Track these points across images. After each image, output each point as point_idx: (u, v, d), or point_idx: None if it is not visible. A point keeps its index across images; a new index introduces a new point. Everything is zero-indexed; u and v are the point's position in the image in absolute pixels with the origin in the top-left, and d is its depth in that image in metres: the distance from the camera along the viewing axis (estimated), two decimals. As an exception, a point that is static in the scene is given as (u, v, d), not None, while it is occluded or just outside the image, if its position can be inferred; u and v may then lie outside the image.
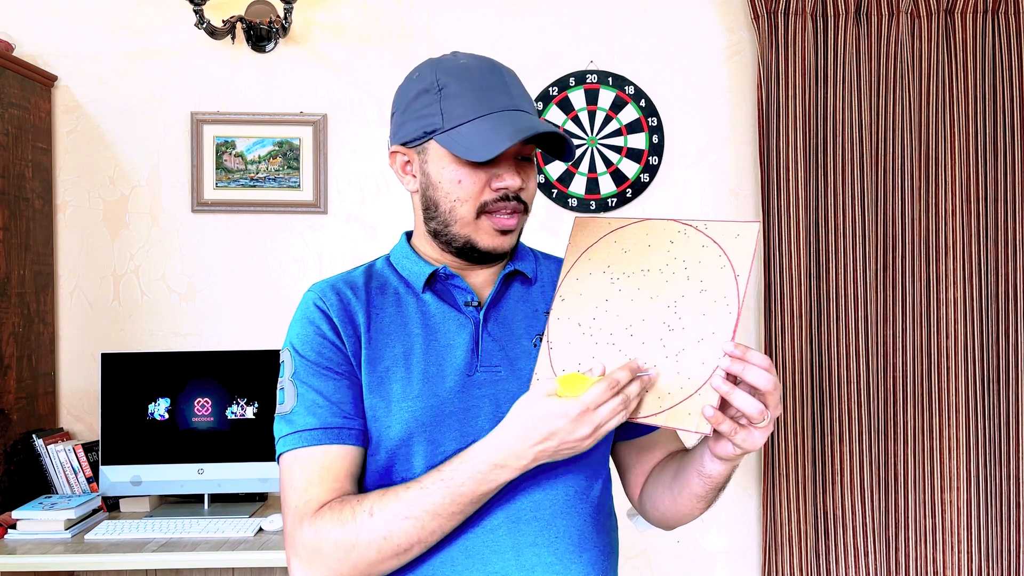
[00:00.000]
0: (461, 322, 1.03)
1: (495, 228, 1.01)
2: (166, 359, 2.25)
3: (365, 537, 0.91)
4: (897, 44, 2.44)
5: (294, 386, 1.00)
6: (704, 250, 0.93)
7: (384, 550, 0.92)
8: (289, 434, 0.98)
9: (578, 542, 1.00)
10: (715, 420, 0.84)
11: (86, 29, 2.45)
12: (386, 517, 0.91)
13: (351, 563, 0.92)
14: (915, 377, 2.43)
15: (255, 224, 2.48)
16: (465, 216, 1.01)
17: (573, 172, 2.54)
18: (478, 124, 0.96)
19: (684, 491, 1.00)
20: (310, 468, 0.96)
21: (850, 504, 2.42)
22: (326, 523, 0.93)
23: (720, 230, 0.93)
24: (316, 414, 0.98)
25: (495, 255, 1.04)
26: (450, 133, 0.98)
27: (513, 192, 1.00)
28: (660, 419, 0.89)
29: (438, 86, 0.99)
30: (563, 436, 0.87)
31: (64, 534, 2.01)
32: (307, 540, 0.94)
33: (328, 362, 1.00)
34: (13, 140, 2.21)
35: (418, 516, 0.91)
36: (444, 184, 1.00)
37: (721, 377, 0.85)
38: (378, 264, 1.11)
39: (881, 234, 2.45)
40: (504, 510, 0.97)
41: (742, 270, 0.90)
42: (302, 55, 2.49)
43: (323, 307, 1.03)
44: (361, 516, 0.92)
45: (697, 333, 0.89)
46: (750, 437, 0.86)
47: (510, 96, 0.99)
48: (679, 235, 0.96)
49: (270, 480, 2.21)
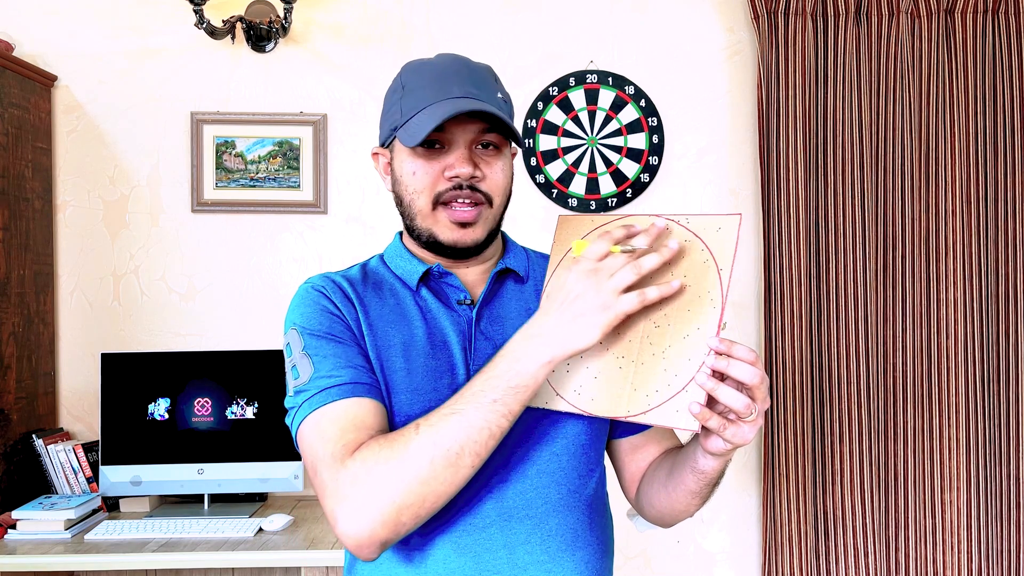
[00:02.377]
0: (454, 320, 1.04)
1: (452, 221, 1.01)
2: (166, 359, 2.25)
3: (415, 446, 0.87)
4: (897, 44, 2.44)
5: (308, 358, 0.98)
6: (686, 244, 0.92)
7: (436, 458, 0.86)
8: (315, 394, 0.94)
9: (571, 540, 1.00)
10: (702, 417, 0.85)
11: (86, 29, 2.45)
12: (431, 422, 0.89)
13: (405, 484, 0.86)
14: (915, 377, 2.43)
15: (255, 224, 2.48)
16: (423, 208, 1.02)
17: (573, 172, 2.53)
18: (423, 113, 0.98)
19: (679, 487, 1.00)
20: (343, 419, 0.92)
21: (850, 504, 2.42)
22: (372, 450, 0.89)
23: (701, 224, 0.92)
24: (340, 373, 0.96)
25: (462, 249, 1.03)
26: (405, 126, 1.00)
27: (465, 180, 1.00)
28: (649, 417, 0.89)
29: (402, 85, 1.03)
30: (569, 285, 0.89)
31: (64, 534, 2.02)
32: (355, 474, 0.87)
33: (339, 333, 0.99)
34: (13, 140, 2.21)
35: (461, 409, 0.88)
36: (404, 177, 1.03)
37: (707, 374, 0.85)
38: (372, 263, 1.12)
39: (881, 234, 2.45)
40: (496, 508, 0.98)
41: (725, 264, 0.89)
42: (302, 55, 2.49)
43: (323, 291, 1.04)
44: (408, 432, 0.89)
45: (682, 329, 0.89)
46: (739, 432, 0.86)
47: (462, 85, 0.99)
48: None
49: (270, 480, 2.21)
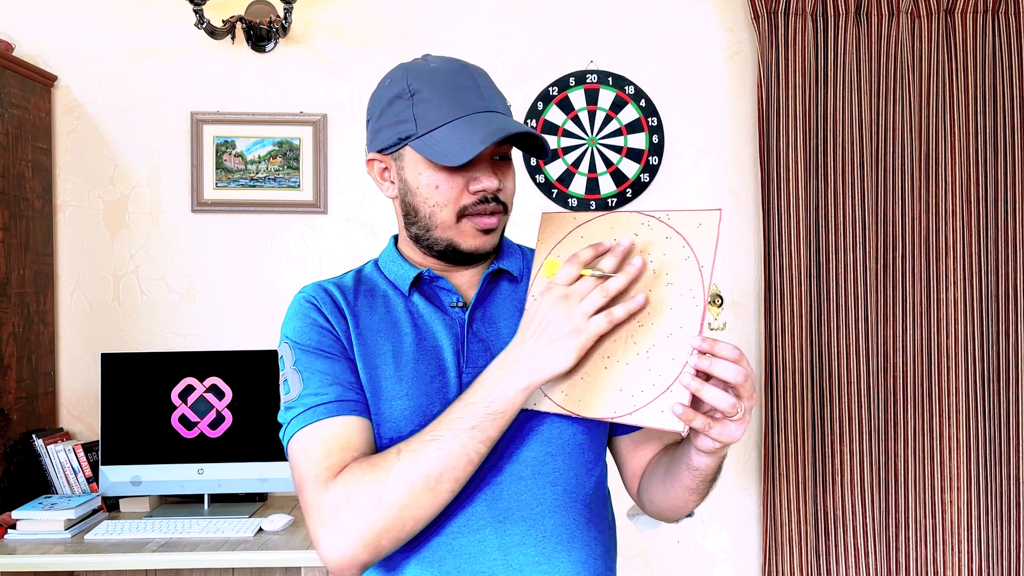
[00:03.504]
0: (447, 323, 1.04)
1: (477, 228, 1.01)
2: (166, 359, 2.25)
3: (395, 473, 0.89)
4: (897, 44, 2.44)
5: (298, 373, 1.00)
6: (668, 241, 0.91)
7: (415, 484, 0.89)
8: (302, 412, 0.97)
9: (567, 541, 1.00)
10: (686, 417, 0.84)
11: (86, 29, 2.45)
12: (412, 448, 0.91)
13: (385, 509, 0.89)
14: (915, 376, 2.43)
15: (255, 224, 2.48)
16: (446, 220, 1.01)
17: (573, 172, 2.53)
18: (451, 128, 0.96)
19: (676, 485, 1.00)
20: (329, 439, 0.95)
21: (850, 504, 2.42)
22: (354, 475, 0.91)
23: (682, 220, 0.92)
24: (327, 391, 0.98)
25: (478, 255, 1.04)
26: (424, 138, 0.98)
27: (492, 194, 1.00)
28: (635, 418, 0.88)
29: (410, 91, 0.99)
30: (541, 314, 0.91)
31: (64, 534, 2.01)
32: (336, 499, 0.90)
33: (328, 348, 1.01)
34: (13, 140, 2.21)
35: (440, 435, 0.90)
36: (422, 190, 1.00)
37: (691, 373, 0.85)
38: (367, 268, 1.12)
39: (881, 233, 2.45)
40: (491, 510, 0.97)
41: (706, 261, 0.88)
42: (302, 55, 2.49)
43: (314, 302, 1.04)
44: (389, 457, 0.91)
45: (665, 328, 0.88)
46: (726, 430, 0.86)
47: (482, 97, 0.99)
48: (643, 227, 0.95)
49: (270, 480, 2.21)
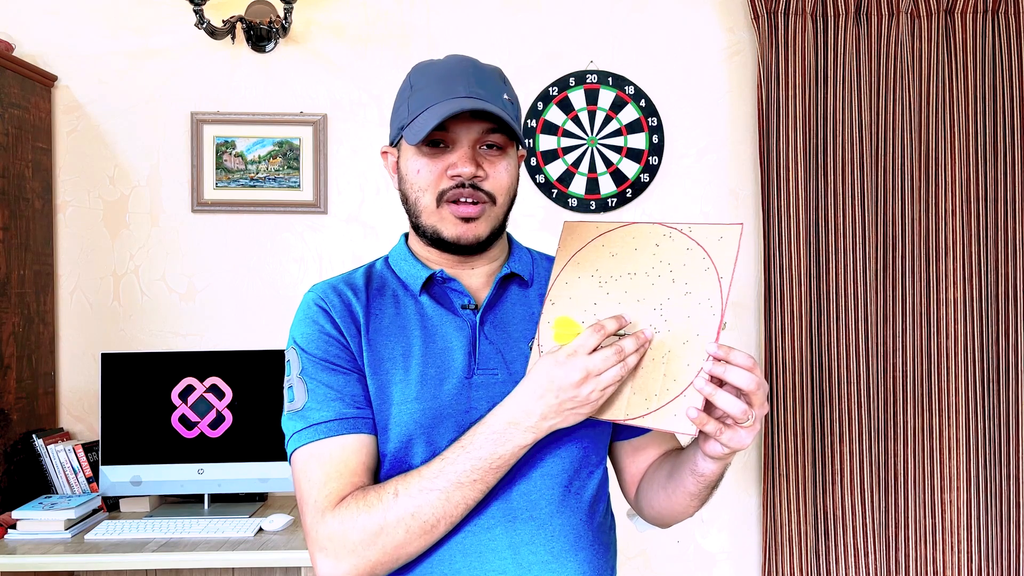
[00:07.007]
0: (458, 325, 1.04)
1: (456, 216, 1.02)
2: (166, 359, 2.25)
3: (392, 517, 0.92)
4: (897, 44, 2.44)
5: (303, 383, 1.00)
6: (688, 253, 0.95)
7: (412, 528, 0.92)
8: (303, 428, 0.98)
9: (574, 540, 1.01)
10: (699, 421, 0.86)
11: (86, 29, 2.45)
12: (411, 493, 0.92)
13: (380, 547, 0.92)
14: (915, 377, 2.43)
15: (255, 224, 2.48)
16: (428, 205, 1.03)
17: (573, 172, 2.53)
18: (427, 112, 0.99)
19: (679, 490, 1.01)
20: (328, 463, 0.97)
21: (850, 504, 2.42)
22: (351, 511, 0.93)
23: (704, 233, 0.95)
24: (329, 407, 0.99)
25: (464, 246, 1.04)
26: (410, 125, 1.01)
27: (468, 179, 1.00)
28: (647, 420, 0.91)
29: (410, 85, 1.04)
30: (559, 383, 0.90)
31: (64, 534, 2.01)
32: (332, 532, 0.93)
33: (335, 358, 1.01)
34: (13, 140, 2.21)
35: (442, 488, 0.92)
36: (409, 175, 1.04)
37: (704, 379, 0.87)
38: (378, 265, 1.12)
39: (881, 234, 2.45)
40: (501, 509, 0.98)
41: (725, 272, 0.92)
42: (302, 55, 2.49)
43: (324, 306, 1.04)
44: (386, 498, 0.93)
45: (682, 335, 0.91)
46: (736, 436, 0.88)
47: (468, 86, 1.00)
48: (664, 238, 0.97)
49: (270, 480, 2.21)
